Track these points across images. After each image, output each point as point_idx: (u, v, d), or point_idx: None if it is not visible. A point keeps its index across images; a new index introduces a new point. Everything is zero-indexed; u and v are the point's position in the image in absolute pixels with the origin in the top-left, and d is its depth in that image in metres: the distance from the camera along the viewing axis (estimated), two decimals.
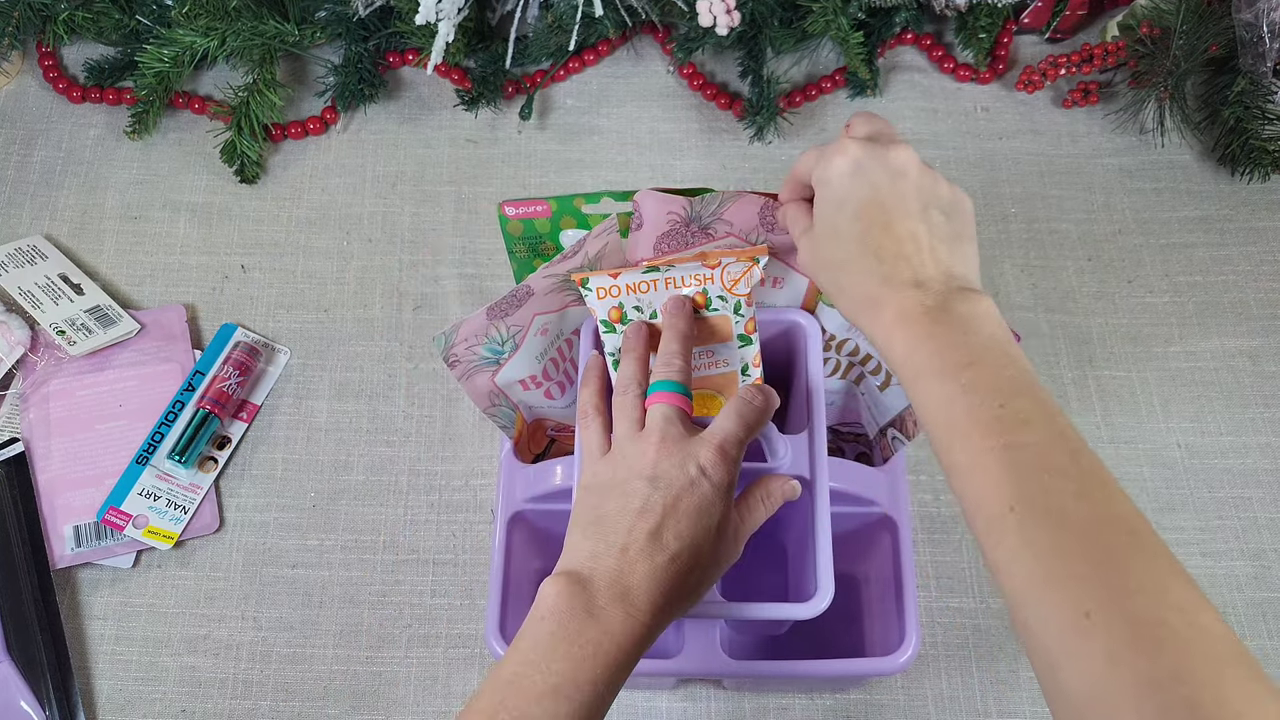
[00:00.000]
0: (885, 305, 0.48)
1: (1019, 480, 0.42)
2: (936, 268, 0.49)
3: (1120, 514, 0.42)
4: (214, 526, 0.76)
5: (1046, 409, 0.44)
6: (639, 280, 0.59)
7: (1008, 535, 0.42)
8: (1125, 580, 0.39)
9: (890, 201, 0.49)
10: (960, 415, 0.45)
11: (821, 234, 0.51)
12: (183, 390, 0.79)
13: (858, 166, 0.50)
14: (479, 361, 0.63)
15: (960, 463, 0.44)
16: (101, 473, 0.76)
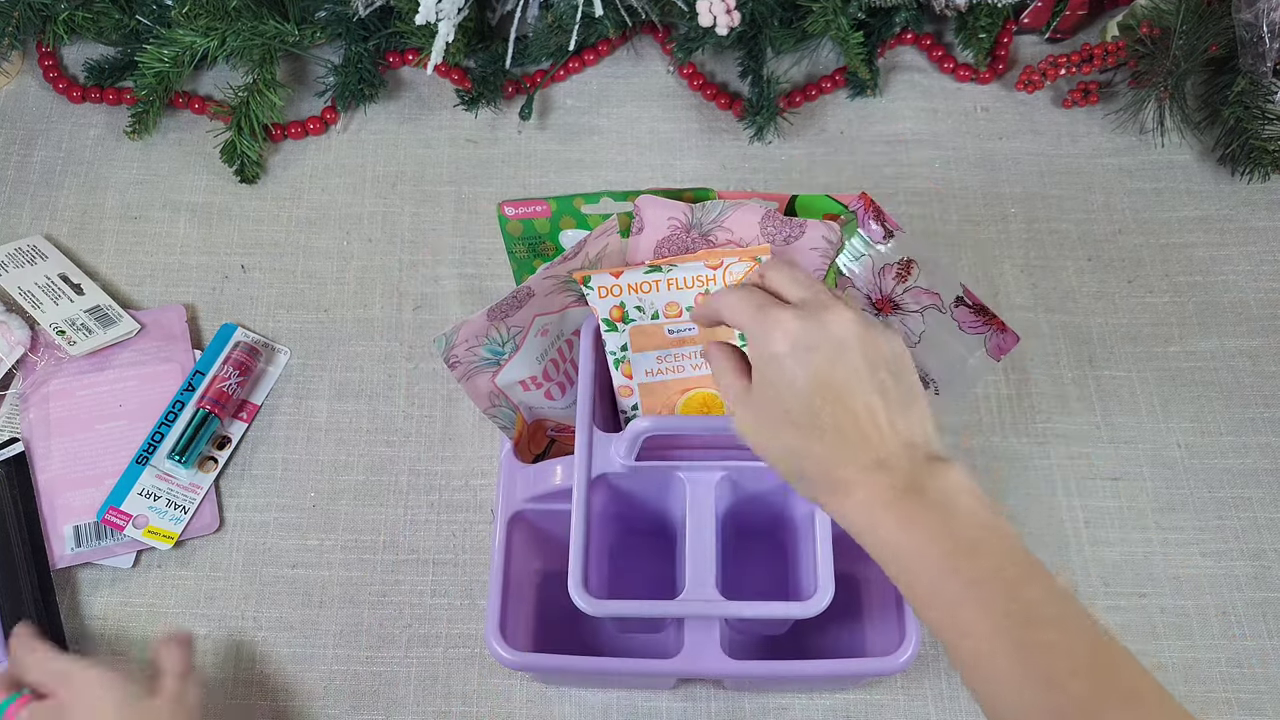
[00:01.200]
0: (852, 489, 0.47)
1: (1043, 685, 0.42)
2: (897, 440, 0.47)
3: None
4: (214, 526, 0.76)
5: (1056, 595, 0.44)
6: (641, 280, 0.59)
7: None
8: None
9: (840, 377, 0.47)
10: (969, 614, 0.44)
11: (766, 410, 0.49)
12: (182, 390, 0.79)
13: (799, 345, 0.48)
14: (479, 362, 0.63)
15: (975, 663, 0.43)
16: (102, 473, 0.76)
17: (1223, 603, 0.73)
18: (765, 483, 0.63)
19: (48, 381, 0.78)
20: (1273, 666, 0.71)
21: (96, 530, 0.74)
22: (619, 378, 0.62)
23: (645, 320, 0.60)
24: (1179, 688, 0.71)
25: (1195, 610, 0.73)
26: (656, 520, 0.68)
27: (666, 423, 0.60)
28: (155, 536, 0.74)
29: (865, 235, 0.63)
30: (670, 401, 0.62)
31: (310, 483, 0.78)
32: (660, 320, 0.60)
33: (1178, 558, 0.75)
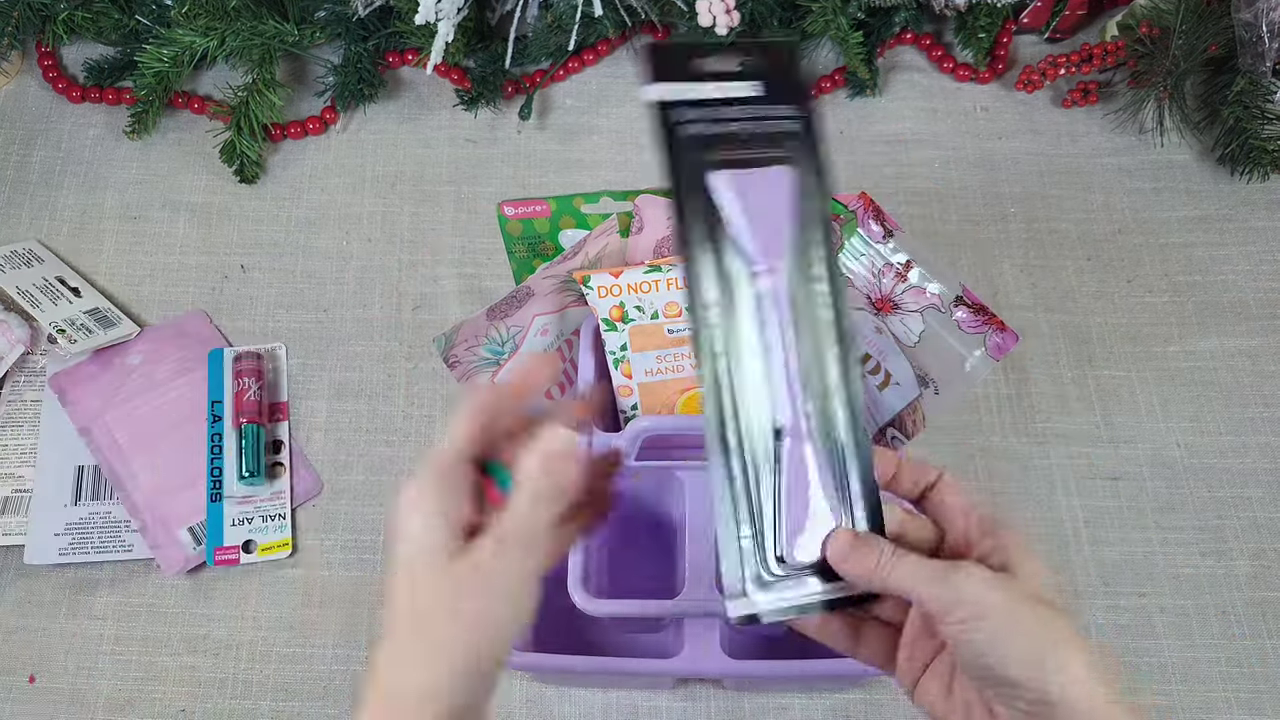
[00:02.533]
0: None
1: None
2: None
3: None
4: (318, 489, 0.78)
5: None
6: (641, 280, 0.59)
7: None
8: None
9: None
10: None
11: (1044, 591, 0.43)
12: (211, 423, 0.79)
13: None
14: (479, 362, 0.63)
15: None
16: (194, 473, 0.77)
17: (1222, 602, 0.73)
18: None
19: (104, 413, 0.79)
20: (1272, 666, 0.71)
21: (208, 527, 0.76)
22: (619, 378, 0.62)
23: (645, 320, 0.60)
24: (1179, 687, 0.71)
25: (1195, 610, 0.73)
26: (656, 520, 0.68)
27: (666, 422, 0.60)
28: (272, 551, 0.75)
29: (865, 235, 0.63)
30: (670, 401, 0.62)
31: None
32: (660, 320, 0.60)
33: (1177, 557, 0.75)
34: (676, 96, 0.44)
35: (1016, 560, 0.42)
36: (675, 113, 0.44)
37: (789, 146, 0.45)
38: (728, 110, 0.45)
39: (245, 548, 0.75)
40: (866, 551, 0.43)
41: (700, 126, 0.45)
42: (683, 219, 0.44)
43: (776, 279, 0.44)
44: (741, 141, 0.45)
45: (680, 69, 0.44)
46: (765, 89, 0.45)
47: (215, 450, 0.78)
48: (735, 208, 0.44)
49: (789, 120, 0.45)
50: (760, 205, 0.45)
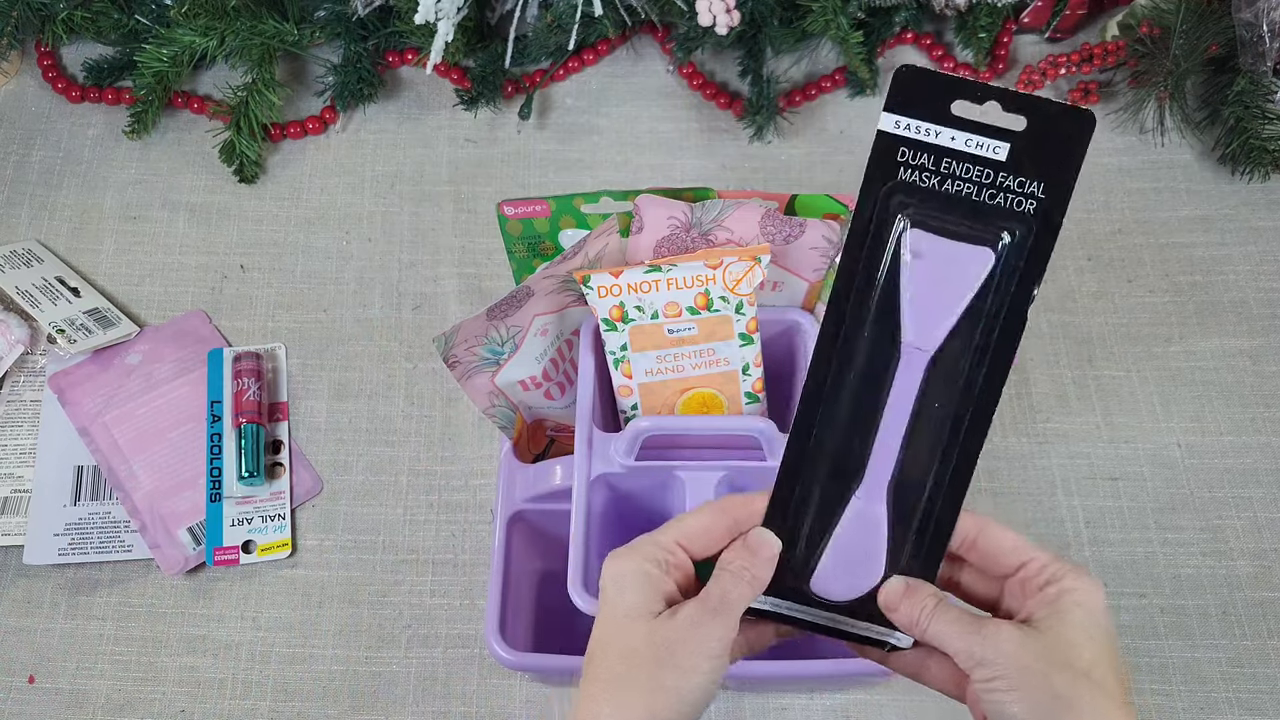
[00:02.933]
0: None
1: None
2: None
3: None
4: (318, 488, 0.78)
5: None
6: (641, 279, 0.59)
7: None
8: None
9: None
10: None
11: (1076, 650, 0.42)
12: (211, 423, 0.79)
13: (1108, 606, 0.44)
14: (479, 362, 0.63)
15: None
16: (194, 473, 0.77)
17: (1223, 602, 0.73)
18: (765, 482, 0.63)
19: (104, 413, 0.79)
20: (1273, 666, 0.71)
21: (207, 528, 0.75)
22: (619, 377, 0.62)
23: (645, 320, 0.60)
24: (1179, 687, 0.71)
25: (1195, 610, 0.73)
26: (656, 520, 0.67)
27: (666, 422, 0.60)
28: (271, 551, 0.75)
29: None
30: (670, 401, 0.62)
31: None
32: (660, 320, 0.60)
33: (1178, 557, 0.75)
34: (909, 134, 0.41)
35: (1059, 620, 0.42)
36: (903, 149, 0.41)
37: (1007, 227, 0.42)
38: (960, 166, 0.41)
39: (245, 548, 0.75)
40: (914, 600, 0.44)
41: (922, 175, 0.41)
42: (856, 256, 0.42)
43: (921, 357, 0.43)
44: (955, 206, 0.41)
45: (928, 103, 0.41)
46: (1011, 155, 0.41)
47: (215, 450, 0.78)
48: (915, 273, 0.42)
49: (1024, 199, 0.41)
50: (940, 280, 0.42)
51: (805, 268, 0.63)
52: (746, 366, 0.61)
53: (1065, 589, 0.42)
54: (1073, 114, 0.40)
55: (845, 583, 0.44)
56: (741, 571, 0.43)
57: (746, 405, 0.63)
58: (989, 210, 0.41)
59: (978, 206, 0.41)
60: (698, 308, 0.59)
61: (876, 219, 0.42)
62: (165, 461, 0.78)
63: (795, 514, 0.44)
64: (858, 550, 0.44)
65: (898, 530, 0.44)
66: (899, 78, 0.41)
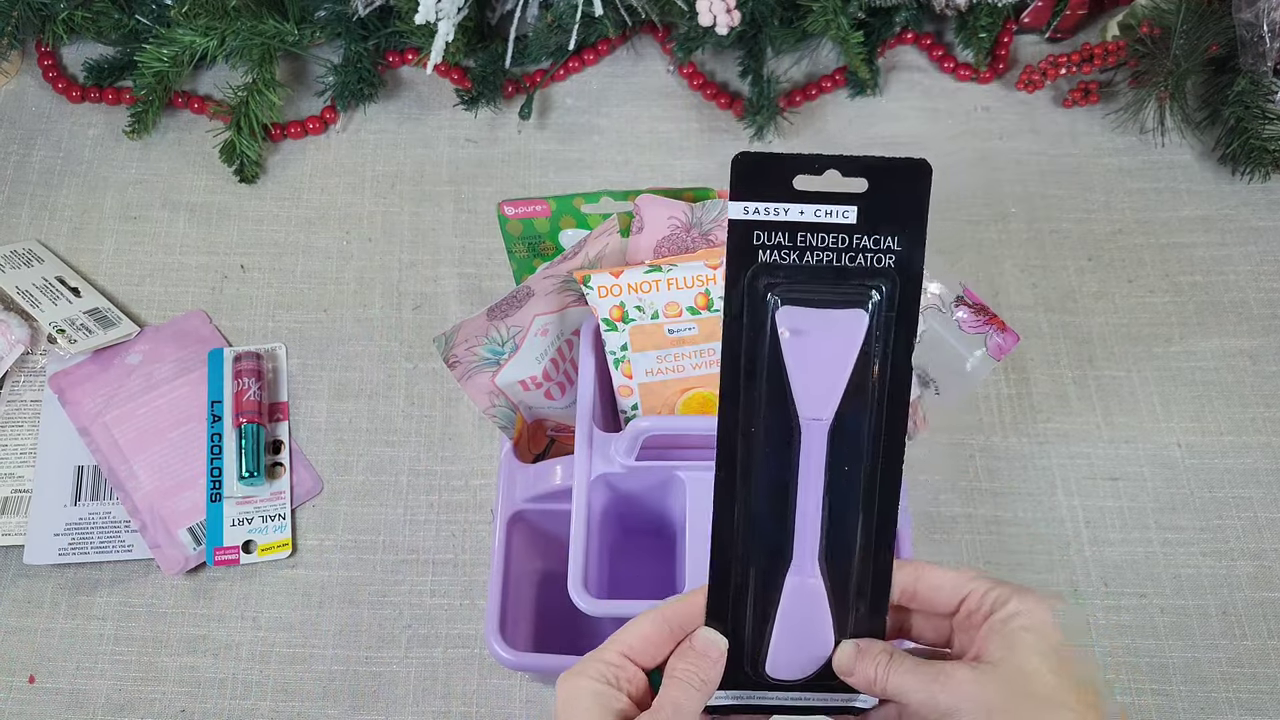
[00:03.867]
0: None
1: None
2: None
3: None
4: (318, 488, 0.78)
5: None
6: (641, 279, 0.59)
7: None
8: None
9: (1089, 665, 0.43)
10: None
11: (1030, 677, 0.42)
12: (211, 423, 0.79)
13: (1058, 619, 0.43)
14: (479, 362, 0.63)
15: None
16: (194, 473, 0.77)
17: (1223, 603, 0.73)
18: None
19: (104, 413, 0.79)
20: (1274, 666, 0.71)
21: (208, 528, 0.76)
22: (619, 377, 0.62)
23: (645, 320, 0.60)
24: (1180, 688, 0.71)
25: (1196, 610, 0.73)
26: (656, 520, 0.67)
27: (666, 423, 0.60)
28: (272, 551, 0.75)
29: None
30: (670, 401, 0.62)
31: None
32: (660, 320, 0.60)
33: (1178, 558, 0.75)
34: (759, 216, 0.42)
35: (1009, 650, 0.41)
36: (758, 232, 0.42)
37: (873, 285, 0.42)
38: (815, 236, 0.42)
39: (245, 548, 0.75)
40: (867, 661, 0.43)
41: (781, 253, 0.42)
42: (737, 344, 0.42)
43: (820, 428, 0.43)
44: (819, 275, 0.42)
45: (769, 184, 0.42)
46: (860, 216, 0.42)
47: (215, 450, 0.78)
48: (796, 348, 0.43)
49: (881, 254, 0.42)
50: (821, 350, 0.43)
51: None
52: None
53: (1009, 614, 0.42)
54: (907, 165, 0.42)
55: (798, 660, 0.44)
56: (690, 677, 0.43)
57: None
58: (852, 272, 0.42)
59: (840, 271, 0.42)
60: (698, 308, 0.59)
61: (748, 304, 0.42)
62: (165, 461, 0.78)
63: (735, 604, 0.44)
64: (803, 626, 0.44)
65: (837, 598, 0.44)
66: (736, 166, 0.42)
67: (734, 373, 0.43)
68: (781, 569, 0.44)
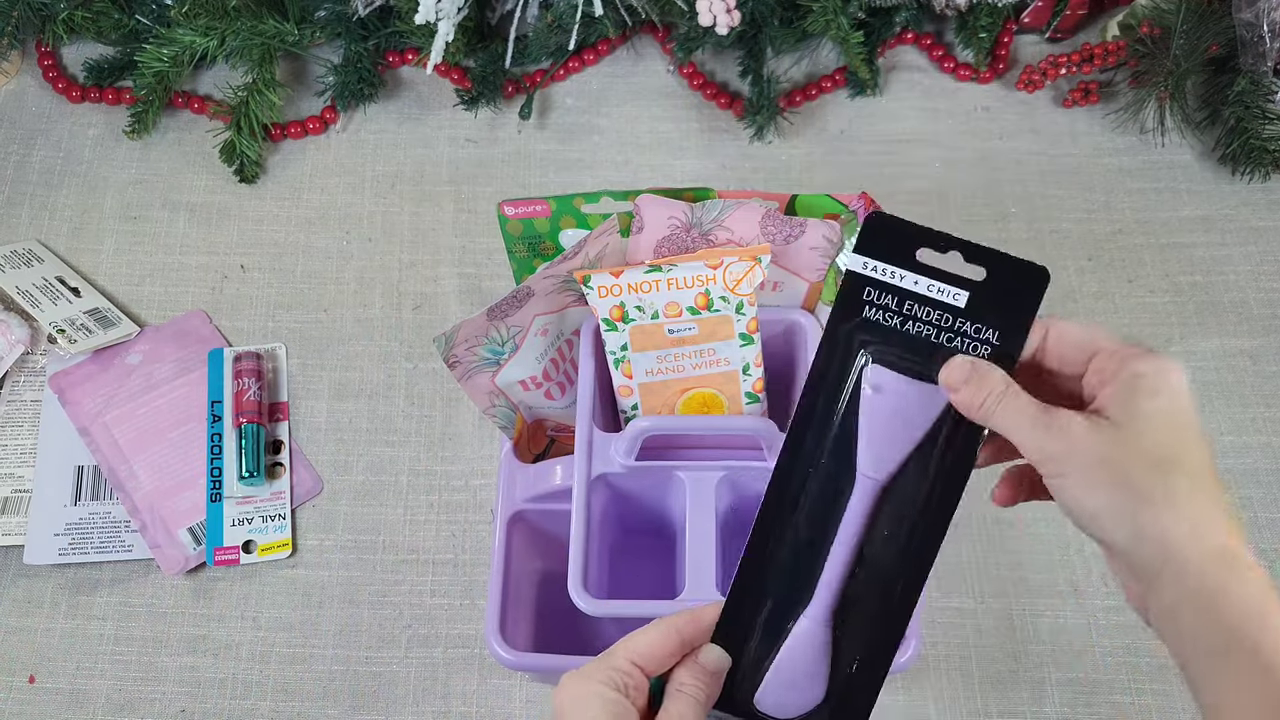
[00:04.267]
0: (1239, 552, 0.39)
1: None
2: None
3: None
4: (318, 488, 0.78)
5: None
6: (641, 279, 0.59)
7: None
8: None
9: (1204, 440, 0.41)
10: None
11: (1152, 440, 0.40)
12: (211, 423, 0.79)
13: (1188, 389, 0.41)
14: (479, 362, 0.63)
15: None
16: (194, 473, 0.77)
17: None
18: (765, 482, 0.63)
19: (104, 413, 0.79)
20: None
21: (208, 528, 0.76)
22: (619, 377, 0.62)
23: (645, 320, 0.60)
24: (1180, 688, 0.71)
25: None
26: (656, 520, 0.67)
27: (666, 422, 0.60)
28: (272, 551, 0.75)
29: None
30: (670, 401, 0.62)
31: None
32: (660, 320, 0.60)
33: None
34: (875, 275, 0.43)
35: (1130, 408, 0.40)
36: (869, 289, 0.43)
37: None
38: (921, 309, 0.44)
39: (245, 548, 0.75)
40: (980, 384, 0.42)
41: (885, 314, 0.44)
42: (819, 386, 0.44)
43: (872, 485, 0.44)
44: (914, 347, 0.44)
45: (895, 249, 0.43)
46: (970, 302, 0.43)
47: (215, 450, 0.78)
48: (874, 406, 0.44)
49: (979, 344, 0.43)
50: (897, 415, 0.44)
51: (805, 268, 0.63)
52: (747, 366, 0.61)
53: (1136, 374, 0.40)
54: (1028, 268, 0.44)
55: (788, 700, 0.45)
56: (697, 693, 0.43)
57: (747, 405, 0.63)
58: (946, 351, 0.44)
59: (936, 347, 0.44)
60: (698, 308, 0.59)
61: (841, 352, 0.44)
62: (165, 461, 0.78)
63: (745, 629, 0.45)
64: (801, 670, 0.45)
65: (838, 653, 0.45)
66: (870, 224, 0.43)
67: (810, 410, 0.44)
68: (797, 609, 0.45)
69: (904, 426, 0.44)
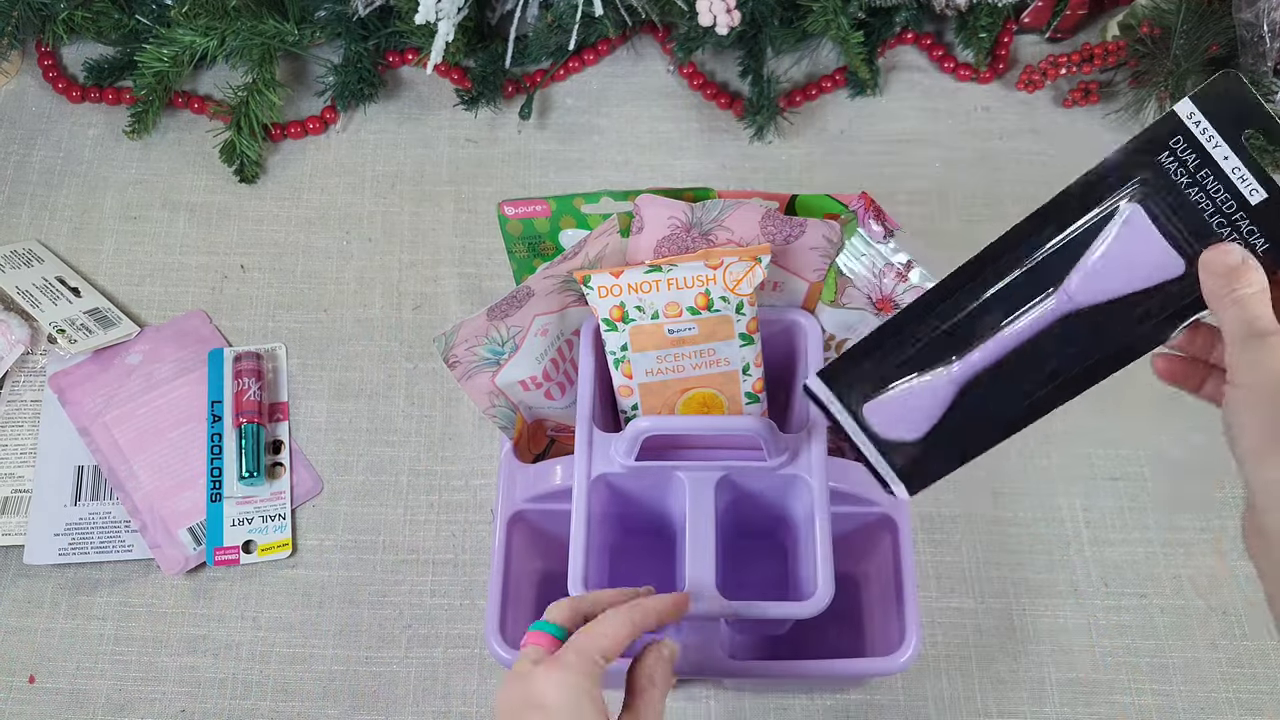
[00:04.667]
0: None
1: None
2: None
3: None
4: (318, 488, 0.78)
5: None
6: (641, 280, 0.59)
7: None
8: None
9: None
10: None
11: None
12: (211, 423, 0.79)
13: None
14: (479, 362, 0.63)
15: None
16: (194, 473, 0.77)
17: (1224, 602, 0.73)
18: (765, 482, 0.63)
19: (104, 413, 0.79)
20: (1273, 667, 0.71)
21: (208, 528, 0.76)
22: (619, 377, 0.62)
23: (645, 320, 0.60)
24: (1179, 688, 0.71)
25: (1195, 610, 0.73)
26: (656, 520, 0.67)
27: (666, 423, 0.60)
28: (272, 551, 0.75)
29: (866, 235, 0.63)
30: (670, 401, 0.62)
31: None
32: (660, 320, 0.60)
33: (1178, 558, 0.75)
34: (1193, 129, 0.44)
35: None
36: (1180, 138, 0.45)
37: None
38: (1214, 184, 0.44)
39: (245, 548, 0.75)
40: (1244, 275, 0.42)
41: (1179, 170, 0.45)
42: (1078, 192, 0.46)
43: (1066, 304, 0.47)
44: (1185, 213, 0.44)
45: (1229, 117, 0.43)
46: (1263, 204, 0.43)
47: (215, 450, 0.78)
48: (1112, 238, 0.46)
49: (1247, 246, 0.44)
50: (1129, 259, 0.45)
51: (805, 268, 0.63)
52: (747, 366, 0.61)
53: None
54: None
55: (890, 425, 0.50)
56: (662, 683, 0.49)
57: (747, 405, 0.63)
58: (1210, 235, 0.43)
59: (1203, 226, 0.43)
60: (698, 308, 0.59)
61: (1118, 175, 0.45)
62: (165, 461, 0.78)
63: (901, 344, 0.48)
64: (917, 410, 0.49)
65: (949, 419, 0.49)
66: (1221, 81, 0.43)
67: (1061, 207, 0.45)
68: (944, 360, 0.49)
69: (1126, 272, 0.45)
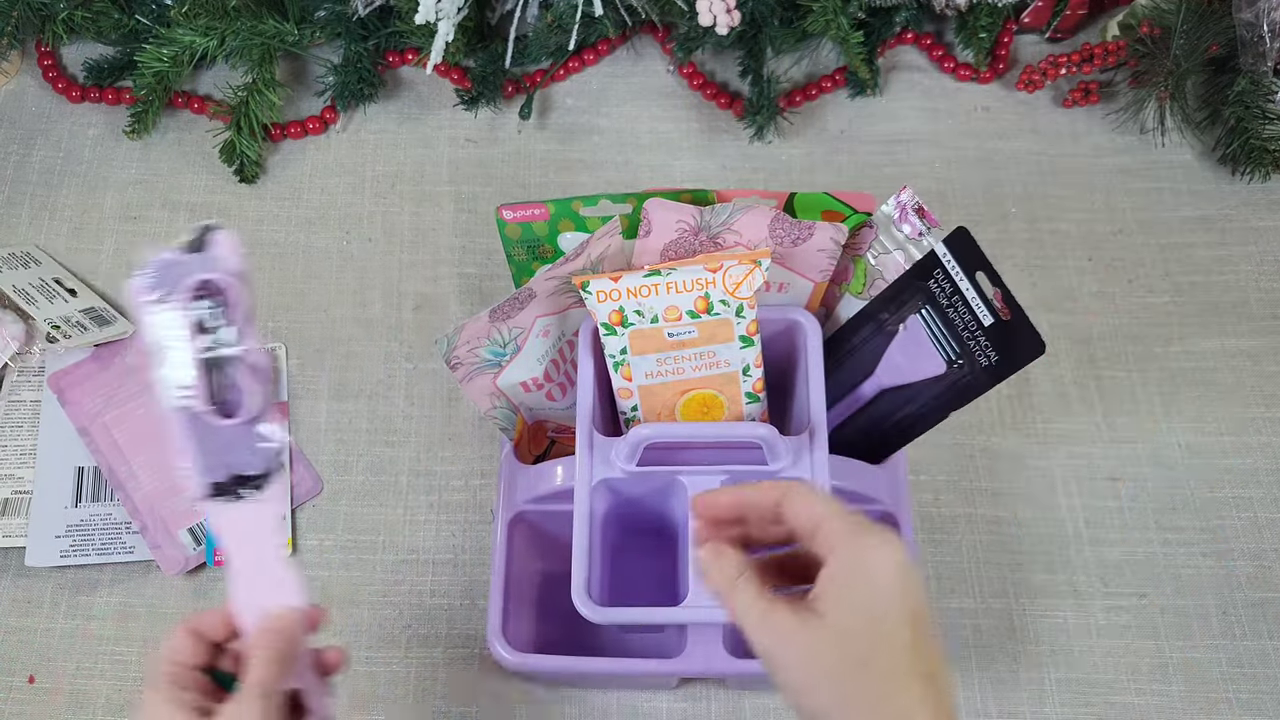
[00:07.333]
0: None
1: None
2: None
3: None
4: (318, 489, 0.78)
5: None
6: (640, 284, 0.59)
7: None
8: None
9: (926, 612, 0.40)
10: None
11: (851, 638, 0.39)
12: None
13: (908, 565, 0.40)
14: (481, 364, 0.63)
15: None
16: None
17: (1223, 603, 0.73)
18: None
19: (103, 414, 0.79)
20: (1273, 667, 0.71)
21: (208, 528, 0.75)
22: (619, 380, 0.62)
23: (645, 324, 0.60)
24: (1179, 688, 0.71)
25: (1195, 610, 0.73)
26: (658, 522, 0.67)
27: (668, 430, 0.60)
28: None
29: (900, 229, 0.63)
30: (670, 403, 0.62)
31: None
32: (660, 324, 0.60)
33: (1178, 558, 0.75)
34: (948, 267, 0.61)
35: (837, 601, 0.40)
36: (938, 271, 0.61)
37: (967, 364, 0.61)
38: (962, 308, 0.61)
39: None
40: (722, 567, 0.43)
41: (939, 293, 0.62)
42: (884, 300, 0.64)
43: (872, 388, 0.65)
44: (947, 325, 0.62)
45: (969, 260, 0.60)
46: (990, 328, 0.60)
47: None
48: (899, 340, 0.64)
49: (986, 357, 0.60)
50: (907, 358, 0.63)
51: (812, 269, 0.63)
52: (747, 368, 0.61)
53: (845, 563, 0.40)
54: (1033, 340, 0.58)
55: (904, 368, 0.64)
56: (268, 651, 0.47)
57: (747, 406, 0.63)
58: (963, 344, 0.61)
59: (959, 336, 0.61)
60: (698, 311, 0.59)
61: (910, 291, 0.62)
62: (165, 462, 0.78)
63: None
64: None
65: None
66: (959, 234, 0.60)
67: (881, 308, 0.63)
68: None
69: (911, 365, 0.62)
